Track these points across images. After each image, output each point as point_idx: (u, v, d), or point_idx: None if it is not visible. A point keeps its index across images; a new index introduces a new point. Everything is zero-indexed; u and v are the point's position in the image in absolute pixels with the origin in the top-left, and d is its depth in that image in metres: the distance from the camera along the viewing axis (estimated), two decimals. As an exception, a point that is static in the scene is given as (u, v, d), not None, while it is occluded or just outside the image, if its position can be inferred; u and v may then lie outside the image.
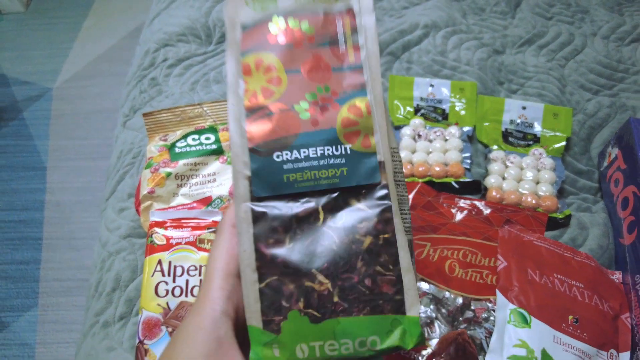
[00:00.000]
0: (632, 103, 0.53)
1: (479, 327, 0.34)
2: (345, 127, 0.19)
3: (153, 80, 0.60)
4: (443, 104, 0.52)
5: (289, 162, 0.19)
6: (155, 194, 0.41)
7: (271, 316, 0.18)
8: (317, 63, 0.19)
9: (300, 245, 0.18)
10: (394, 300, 0.18)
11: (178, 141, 0.44)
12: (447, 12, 0.62)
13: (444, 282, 0.36)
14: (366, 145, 0.19)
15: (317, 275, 0.18)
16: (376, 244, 0.18)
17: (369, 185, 0.19)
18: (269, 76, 0.19)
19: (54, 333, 0.85)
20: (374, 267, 0.18)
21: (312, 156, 0.19)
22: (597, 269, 0.38)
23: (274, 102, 0.19)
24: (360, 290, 0.18)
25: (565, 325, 0.33)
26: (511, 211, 0.42)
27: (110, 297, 0.43)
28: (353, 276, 0.18)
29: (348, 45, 0.20)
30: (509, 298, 0.34)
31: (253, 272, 0.18)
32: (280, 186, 0.19)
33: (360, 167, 0.19)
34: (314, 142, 0.19)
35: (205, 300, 0.19)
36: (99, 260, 0.46)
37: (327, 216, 0.19)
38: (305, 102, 0.19)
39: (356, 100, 0.19)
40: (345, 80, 0.19)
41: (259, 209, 0.19)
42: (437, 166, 0.46)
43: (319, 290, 0.18)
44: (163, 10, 0.69)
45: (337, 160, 0.19)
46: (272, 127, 0.19)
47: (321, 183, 0.19)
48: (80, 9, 1.51)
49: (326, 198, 0.19)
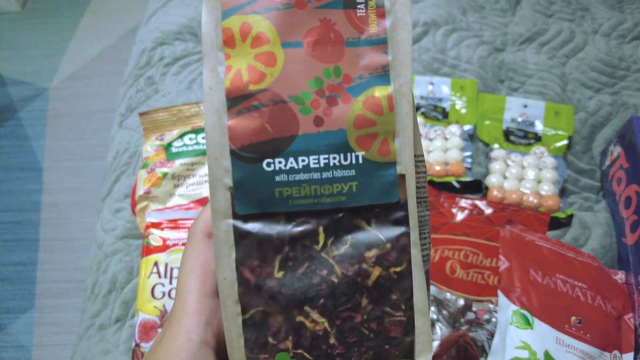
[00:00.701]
0: (634, 101, 0.52)
1: (480, 328, 0.33)
2: (358, 128, 0.14)
3: (149, 79, 0.59)
4: (443, 103, 0.51)
5: (282, 172, 0.14)
6: (152, 194, 0.40)
7: (256, 353, 0.15)
8: (326, 32, 0.14)
9: (291, 275, 0.15)
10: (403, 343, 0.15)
11: (174, 141, 0.43)
12: (447, 9, 0.61)
13: (445, 283, 0.36)
14: (384, 153, 0.14)
15: (311, 313, 0.15)
16: (387, 278, 0.15)
17: (384, 205, 0.15)
18: (259, 50, 0.14)
19: (51, 335, 0.84)
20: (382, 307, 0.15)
21: (313, 166, 0.14)
22: (599, 269, 0.37)
23: (266, 90, 0.14)
24: (363, 333, 0.15)
25: (568, 327, 0.32)
26: (513, 211, 0.42)
27: (107, 299, 0.42)
28: (356, 315, 0.15)
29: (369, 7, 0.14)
30: (511, 299, 0.33)
31: (235, 304, 0.15)
32: (271, 203, 0.14)
33: (375, 181, 0.14)
34: (317, 148, 0.14)
35: (179, 329, 0.16)
36: (95, 261, 0.45)
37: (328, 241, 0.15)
38: (307, 92, 0.14)
39: (375, 90, 0.14)
40: (363, 59, 0.14)
41: (244, 228, 0.15)
42: (437, 165, 0.46)
43: (313, 330, 0.15)
44: (159, 9, 0.69)
45: (346, 173, 0.14)
46: (262, 124, 0.14)
47: (323, 202, 0.14)
48: (76, 8, 1.50)
49: (328, 219, 0.15)
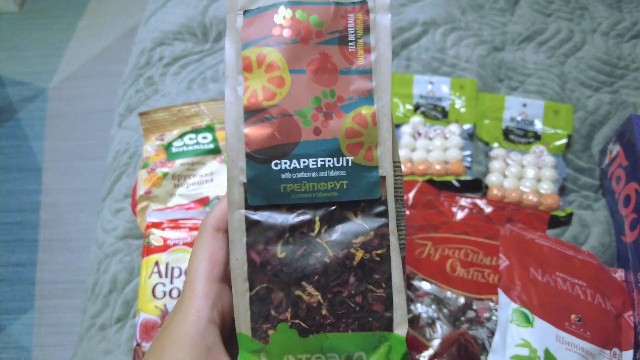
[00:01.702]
0: (633, 100, 0.52)
1: (481, 326, 0.33)
2: (348, 137, 0.18)
3: (149, 80, 0.59)
4: (443, 102, 0.51)
5: (287, 171, 0.18)
6: (152, 194, 0.40)
7: (260, 324, 0.18)
8: (324, 63, 0.18)
9: (292, 256, 0.18)
10: (384, 317, 0.18)
11: (175, 141, 0.43)
12: (446, 9, 0.61)
13: (445, 281, 0.36)
14: (369, 159, 0.18)
15: (307, 287, 0.18)
16: (370, 259, 0.18)
17: (369, 200, 0.18)
18: (272, 75, 0.18)
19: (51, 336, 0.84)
20: (365, 284, 0.18)
21: (312, 167, 0.18)
22: (599, 267, 0.38)
23: (276, 106, 0.18)
24: (350, 306, 0.18)
25: (568, 324, 0.32)
26: (512, 209, 0.42)
27: (107, 299, 0.42)
28: (344, 290, 0.18)
29: (358, 45, 0.18)
30: (512, 297, 0.33)
31: (244, 281, 0.18)
32: (277, 196, 0.18)
33: (361, 181, 0.18)
34: (315, 153, 0.18)
35: (190, 308, 0.18)
36: (95, 261, 0.45)
37: (322, 228, 0.18)
38: (308, 108, 0.18)
39: (362, 109, 0.18)
40: (353, 85, 0.18)
41: (253, 217, 0.18)
42: (437, 164, 0.46)
43: (308, 302, 0.18)
44: (159, 9, 0.69)
45: (338, 173, 0.18)
46: (272, 133, 0.18)
47: (319, 196, 0.18)
48: (75, 8, 1.49)
49: (323, 211, 0.18)
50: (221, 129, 0.44)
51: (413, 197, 0.43)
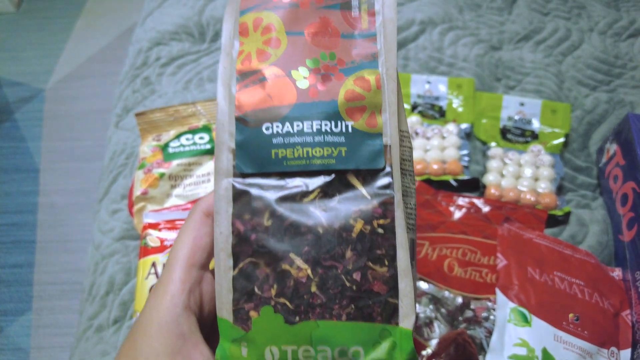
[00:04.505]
0: (630, 98, 0.52)
1: (478, 326, 0.33)
2: (349, 100, 0.16)
3: (146, 80, 0.59)
4: (440, 101, 0.51)
5: (279, 135, 0.16)
6: (149, 195, 0.40)
7: (242, 304, 0.16)
8: (325, 27, 0.17)
9: (279, 224, 0.16)
10: (387, 303, 0.15)
11: (171, 141, 0.43)
12: (443, 8, 0.61)
13: (443, 281, 0.36)
14: (371, 125, 0.16)
15: (295, 259, 0.16)
16: (372, 232, 0.16)
17: (371, 170, 0.16)
18: (267, 37, 0.17)
19: (49, 337, 0.84)
20: (365, 259, 0.15)
21: (307, 131, 0.16)
22: (597, 266, 0.37)
23: (269, 66, 0.17)
24: (345, 284, 0.15)
25: (565, 324, 0.32)
26: (510, 209, 0.42)
27: (104, 300, 0.42)
28: (338, 265, 0.15)
29: (362, 9, 0.17)
30: (509, 296, 0.33)
31: (228, 257, 0.16)
32: (268, 163, 0.16)
33: (362, 148, 0.16)
34: (311, 115, 0.16)
35: (164, 294, 0.17)
36: (92, 263, 0.45)
37: (316, 197, 0.16)
38: (304, 69, 0.17)
39: (365, 72, 0.17)
40: (355, 48, 0.17)
41: (241, 186, 0.16)
42: (435, 164, 0.46)
43: (296, 277, 0.16)
44: (156, 9, 0.68)
45: (336, 139, 0.16)
46: (264, 94, 0.16)
47: (314, 163, 0.16)
48: (72, 9, 1.49)
49: (319, 180, 0.16)
50: None
51: (411, 197, 0.43)
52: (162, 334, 0.16)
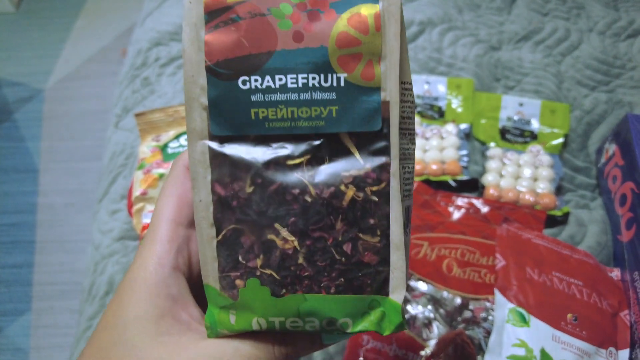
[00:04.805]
0: (629, 99, 0.52)
1: (477, 327, 0.33)
2: (341, 47, 0.14)
3: (145, 80, 0.59)
4: (439, 101, 0.51)
5: (258, 91, 0.14)
6: (148, 195, 0.40)
7: (228, 272, 0.15)
8: None
9: (262, 191, 0.14)
10: (377, 274, 0.14)
11: (171, 142, 0.43)
12: (443, 8, 0.61)
13: (442, 281, 0.36)
14: (368, 77, 0.14)
15: (281, 230, 0.14)
16: (364, 200, 0.14)
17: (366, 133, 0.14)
18: None
19: (48, 337, 0.84)
20: (356, 230, 0.14)
21: (291, 86, 0.14)
22: (595, 266, 0.38)
23: (244, 3, 0.14)
24: (334, 256, 0.14)
25: (564, 324, 0.32)
26: (509, 209, 0.42)
27: (104, 301, 0.42)
28: (327, 237, 0.14)
29: None
30: (508, 297, 0.33)
31: (210, 226, 0.15)
32: (246, 125, 0.14)
33: (357, 107, 0.14)
34: (295, 66, 0.14)
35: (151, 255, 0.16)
36: (92, 263, 0.45)
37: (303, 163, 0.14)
38: (287, 5, 0.14)
39: (362, 8, 0.14)
40: None
41: (219, 149, 0.14)
42: (434, 164, 0.46)
43: (283, 248, 0.14)
44: (155, 9, 0.68)
45: (326, 95, 0.14)
46: (238, 39, 0.14)
47: (300, 125, 0.14)
48: (71, 9, 1.49)
49: (305, 145, 0.14)
50: None
51: (410, 197, 0.43)
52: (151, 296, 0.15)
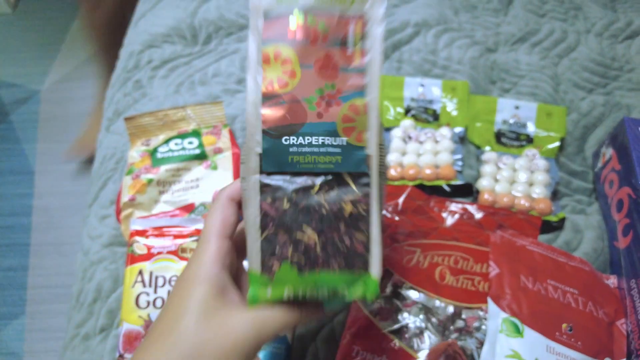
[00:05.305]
0: (627, 101, 0.52)
1: (470, 337, 0.32)
2: (344, 122, 0.22)
3: (137, 83, 0.58)
4: (434, 104, 0.51)
5: (294, 146, 0.22)
6: (136, 201, 0.39)
7: (267, 261, 0.22)
8: (328, 61, 0.22)
9: (295, 207, 0.22)
10: (364, 257, 0.23)
11: (160, 146, 0.42)
12: (439, 9, 0.60)
13: (434, 289, 0.35)
14: (359, 140, 0.22)
15: (307, 230, 0.22)
16: (357, 213, 0.23)
17: (357, 172, 0.23)
18: (285, 68, 0.22)
19: (42, 341, 0.84)
20: (352, 230, 0.23)
21: (315, 144, 0.22)
22: (591, 273, 0.37)
23: (287, 93, 0.22)
24: (338, 247, 0.22)
25: (559, 334, 0.32)
26: (504, 215, 0.41)
27: (91, 308, 0.41)
28: (335, 234, 0.22)
29: (356, 48, 0.23)
30: (501, 306, 0.33)
31: (257, 230, 0.22)
32: (285, 164, 0.22)
33: (353, 157, 0.22)
34: (317, 132, 0.22)
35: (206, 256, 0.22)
36: (81, 269, 0.45)
37: (320, 190, 0.23)
38: (313, 96, 0.22)
39: (356, 100, 0.22)
40: (350, 80, 0.22)
41: (266, 180, 0.22)
42: (427, 169, 0.45)
43: (307, 242, 0.22)
44: (148, 10, 0.68)
45: (335, 150, 0.22)
46: (284, 114, 0.22)
47: (319, 167, 0.22)
48: (68, 10, 1.48)
49: (322, 178, 0.23)
50: (207, 134, 0.43)
51: (402, 203, 0.42)
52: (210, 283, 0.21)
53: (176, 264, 0.36)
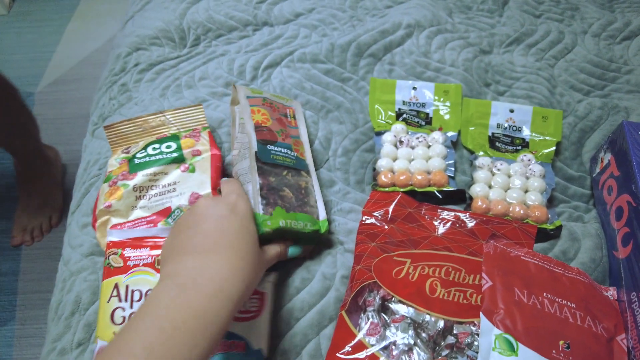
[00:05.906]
0: (625, 104, 0.50)
1: (461, 354, 0.31)
2: (294, 145, 0.43)
3: (123, 87, 0.57)
4: (426, 108, 0.49)
5: (274, 151, 0.40)
6: (112, 208, 0.38)
7: (265, 206, 0.37)
8: (281, 120, 0.44)
9: (278, 179, 0.39)
10: (315, 209, 0.40)
11: (138, 152, 0.41)
12: (432, 10, 0.59)
13: (424, 303, 0.33)
14: (302, 155, 0.43)
15: (286, 190, 0.38)
16: (306, 187, 0.40)
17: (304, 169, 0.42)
18: (263, 117, 0.42)
19: (32, 348, 0.82)
20: (307, 195, 0.40)
21: (283, 151, 0.41)
22: (589, 285, 0.35)
23: (266, 126, 0.42)
24: (303, 200, 0.39)
25: (555, 352, 0.30)
26: (497, 223, 0.39)
27: (69, 321, 0.40)
28: (300, 195, 0.39)
29: (290, 118, 0.45)
30: (494, 322, 0.31)
31: (257, 192, 0.37)
32: (269, 159, 0.39)
33: (301, 162, 0.42)
34: (283, 146, 0.41)
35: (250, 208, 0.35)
36: (60, 279, 0.43)
37: (288, 174, 0.40)
38: (279, 132, 0.42)
39: (296, 139, 0.44)
40: (291, 130, 0.44)
41: (260, 165, 0.39)
42: (419, 175, 0.43)
43: (287, 196, 0.38)
44: (137, 12, 0.66)
45: (292, 156, 0.41)
46: (266, 134, 0.41)
47: (286, 162, 0.40)
48: (64, 11, 1.47)
49: (287, 169, 0.40)
50: (187, 137, 0.42)
51: (392, 210, 0.41)
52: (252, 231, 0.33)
53: (153, 277, 0.34)
